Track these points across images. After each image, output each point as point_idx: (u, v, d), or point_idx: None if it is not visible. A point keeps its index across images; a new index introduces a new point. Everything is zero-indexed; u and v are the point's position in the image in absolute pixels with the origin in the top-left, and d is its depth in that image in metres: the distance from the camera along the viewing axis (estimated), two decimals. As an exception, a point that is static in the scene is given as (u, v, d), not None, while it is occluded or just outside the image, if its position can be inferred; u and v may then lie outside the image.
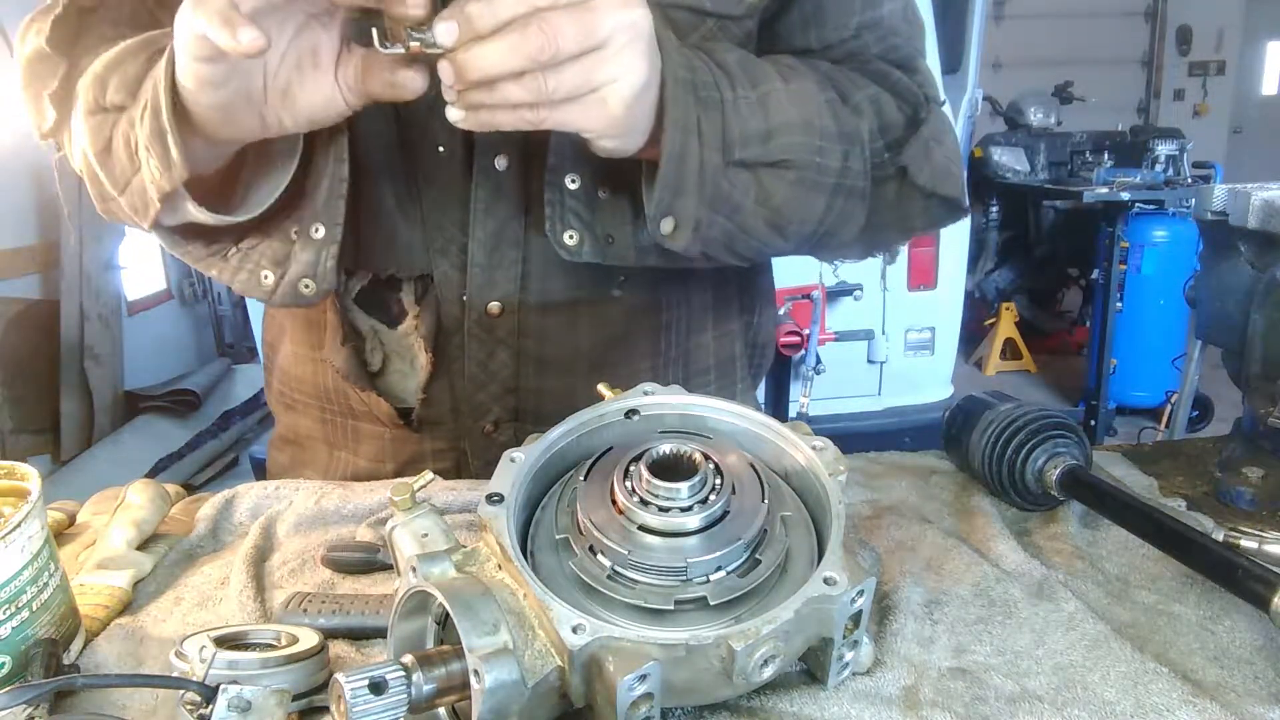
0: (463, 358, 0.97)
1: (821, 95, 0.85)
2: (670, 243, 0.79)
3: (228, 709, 0.52)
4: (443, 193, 0.91)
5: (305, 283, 0.85)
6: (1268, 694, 0.60)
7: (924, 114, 0.89)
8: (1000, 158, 5.73)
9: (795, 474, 0.65)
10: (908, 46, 0.95)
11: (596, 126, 0.69)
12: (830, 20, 0.92)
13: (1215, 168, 5.45)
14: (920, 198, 0.90)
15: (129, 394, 4.54)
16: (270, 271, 0.85)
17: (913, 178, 0.88)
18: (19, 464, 0.71)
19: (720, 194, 0.78)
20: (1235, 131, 9.17)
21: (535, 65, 0.63)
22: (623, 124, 0.69)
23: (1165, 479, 0.96)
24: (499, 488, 0.59)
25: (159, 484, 0.92)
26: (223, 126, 0.71)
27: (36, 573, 0.63)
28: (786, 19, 0.93)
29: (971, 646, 0.66)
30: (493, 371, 0.97)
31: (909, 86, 0.91)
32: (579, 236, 0.86)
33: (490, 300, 0.93)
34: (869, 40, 0.93)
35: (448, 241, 0.92)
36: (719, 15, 0.86)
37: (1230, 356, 0.96)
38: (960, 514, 0.88)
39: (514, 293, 0.93)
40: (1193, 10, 8.81)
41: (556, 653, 0.52)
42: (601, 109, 0.67)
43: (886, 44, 0.93)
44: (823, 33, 0.92)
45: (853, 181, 0.86)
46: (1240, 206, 0.91)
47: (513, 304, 0.94)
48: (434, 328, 0.96)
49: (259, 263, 0.85)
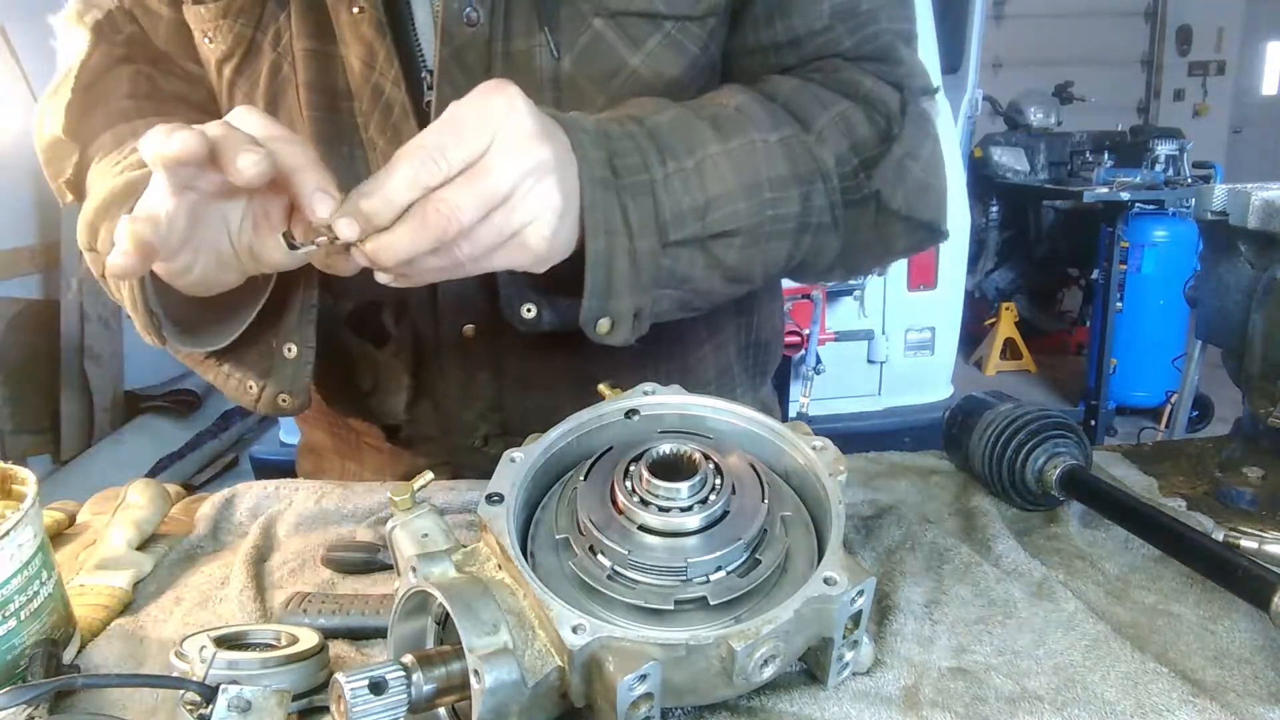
0: (444, 379, 0.97)
1: (775, 136, 0.82)
2: (609, 340, 0.76)
3: (228, 709, 0.52)
4: None
5: (283, 397, 0.87)
6: (1268, 694, 0.60)
7: (897, 129, 0.86)
8: (1000, 158, 5.73)
9: (795, 474, 0.65)
10: (888, 32, 0.89)
11: (523, 263, 0.69)
12: (797, 9, 0.88)
13: (1215, 168, 5.45)
14: (898, 220, 0.87)
15: (129, 394, 4.53)
16: (254, 383, 0.88)
17: (886, 202, 0.86)
18: (17, 468, 0.70)
19: (662, 273, 0.76)
20: (1235, 131, 9.16)
21: (443, 242, 0.63)
22: (548, 253, 0.69)
23: (1165, 479, 0.96)
24: (499, 488, 0.59)
25: (159, 484, 0.92)
26: (204, 288, 0.75)
27: (26, 581, 0.62)
28: (751, 11, 0.89)
29: (971, 646, 0.66)
30: (474, 392, 0.97)
31: (881, 96, 0.87)
32: (536, 309, 0.84)
33: (464, 324, 0.93)
34: (842, 33, 0.88)
35: None
36: (676, 17, 0.85)
37: (1230, 356, 0.96)
38: (960, 514, 0.88)
39: (488, 315, 0.92)
40: (1193, 10, 8.81)
41: (556, 653, 0.52)
42: (523, 251, 0.67)
43: (863, 33, 0.88)
44: (790, 24, 0.88)
45: (819, 218, 0.84)
46: (1240, 206, 0.91)
47: (487, 327, 0.93)
48: (413, 350, 0.97)
49: (245, 374, 0.88)
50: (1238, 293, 0.94)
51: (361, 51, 0.83)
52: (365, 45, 0.83)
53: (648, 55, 0.85)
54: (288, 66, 0.87)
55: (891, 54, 0.89)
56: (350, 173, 0.88)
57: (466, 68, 0.82)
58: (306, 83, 0.86)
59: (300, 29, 0.85)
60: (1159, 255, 4.54)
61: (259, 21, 0.86)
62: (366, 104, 0.85)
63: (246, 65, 0.88)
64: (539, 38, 0.83)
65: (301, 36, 0.85)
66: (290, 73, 0.87)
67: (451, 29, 0.81)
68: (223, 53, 0.88)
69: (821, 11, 0.87)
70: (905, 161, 0.86)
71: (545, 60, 0.84)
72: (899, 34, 0.90)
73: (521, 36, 0.83)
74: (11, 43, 3.81)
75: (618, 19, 0.83)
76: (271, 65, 0.87)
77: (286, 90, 0.88)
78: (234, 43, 0.87)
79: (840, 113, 0.85)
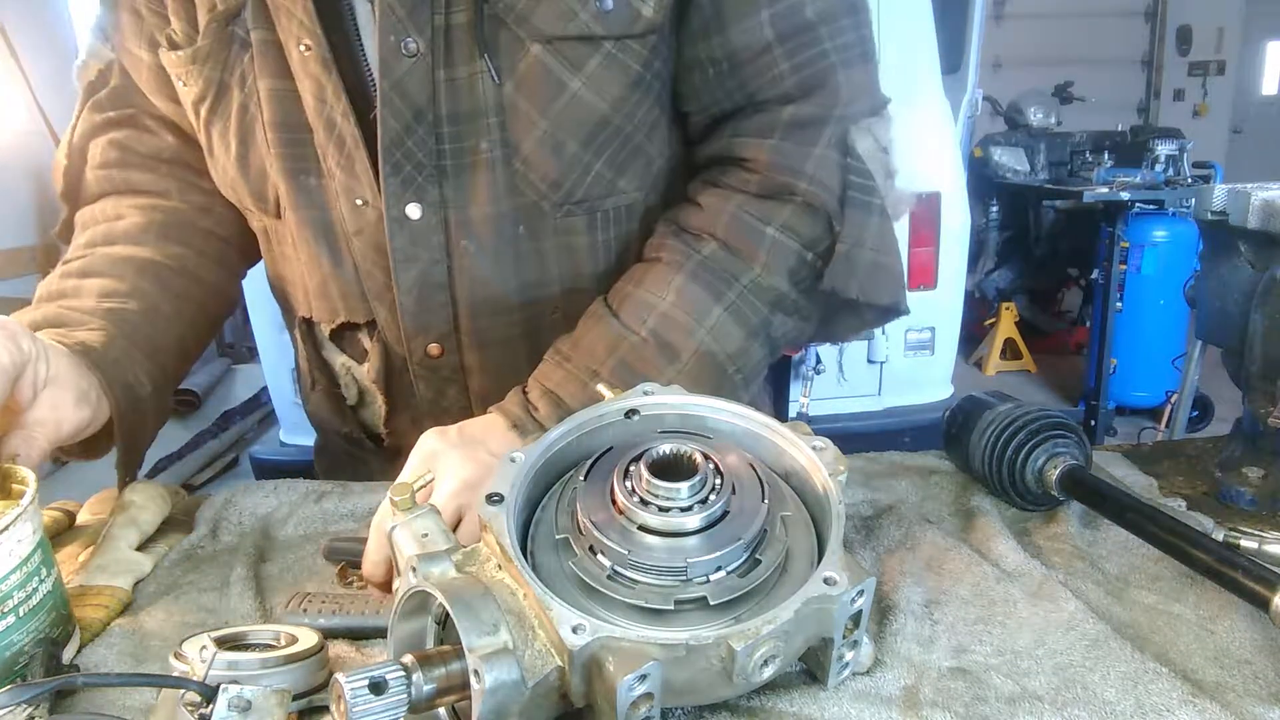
0: (416, 394, 1.00)
1: (719, 310, 0.85)
2: None
3: (228, 709, 0.52)
4: (366, 243, 0.93)
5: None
6: (1268, 694, 0.60)
7: (838, 224, 0.87)
8: (1000, 158, 5.72)
9: (795, 474, 0.65)
10: (829, 53, 0.87)
11: None
12: (734, 23, 0.86)
13: (1215, 168, 5.45)
14: (859, 305, 0.91)
15: (129, 394, 4.52)
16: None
17: (842, 294, 0.89)
18: (17, 467, 0.70)
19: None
20: (1235, 131, 9.16)
21: None
22: None
23: (1165, 479, 0.96)
24: (499, 488, 0.59)
25: (159, 484, 0.93)
26: None
27: (25, 578, 0.63)
28: (689, 26, 0.88)
29: (971, 646, 0.66)
30: (446, 407, 1.00)
31: (819, 193, 0.86)
32: None
33: (428, 342, 0.96)
34: (780, 56, 0.86)
35: (382, 289, 0.95)
36: (615, 37, 0.85)
37: (1230, 356, 0.96)
38: (960, 514, 0.88)
39: (450, 333, 0.95)
40: (1193, 10, 8.80)
41: (556, 653, 0.52)
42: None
43: (801, 57, 0.86)
44: (726, 39, 0.87)
45: (783, 332, 0.90)
46: (1240, 206, 0.91)
47: (451, 344, 0.96)
48: (384, 368, 1.00)
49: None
50: (1238, 293, 0.94)
51: (313, 86, 0.87)
52: (315, 81, 0.87)
53: (588, 78, 0.86)
54: (254, 105, 0.91)
55: (829, 82, 0.88)
56: (316, 202, 0.94)
57: (408, 97, 0.85)
58: (271, 120, 0.91)
59: (263, 69, 0.89)
60: (1159, 255, 4.53)
61: (225, 64, 0.91)
62: (322, 136, 0.89)
63: (219, 105, 0.93)
64: (479, 64, 0.84)
65: (264, 76, 0.89)
66: (257, 111, 0.91)
67: (389, 60, 0.84)
68: (196, 95, 0.93)
69: (760, 25, 0.86)
70: (853, 252, 0.88)
71: (487, 86, 0.85)
72: (842, 55, 0.88)
73: (463, 64, 0.85)
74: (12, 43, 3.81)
75: (555, 44, 0.84)
76: (240, 105, 0.92)
77: (254, 127, 0.92)
78: (205, 86, 0.92)
79: (781, 224, 0.87)
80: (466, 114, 0.86)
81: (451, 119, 0.86)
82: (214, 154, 0.97)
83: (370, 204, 0.90)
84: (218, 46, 0.89)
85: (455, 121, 0.86)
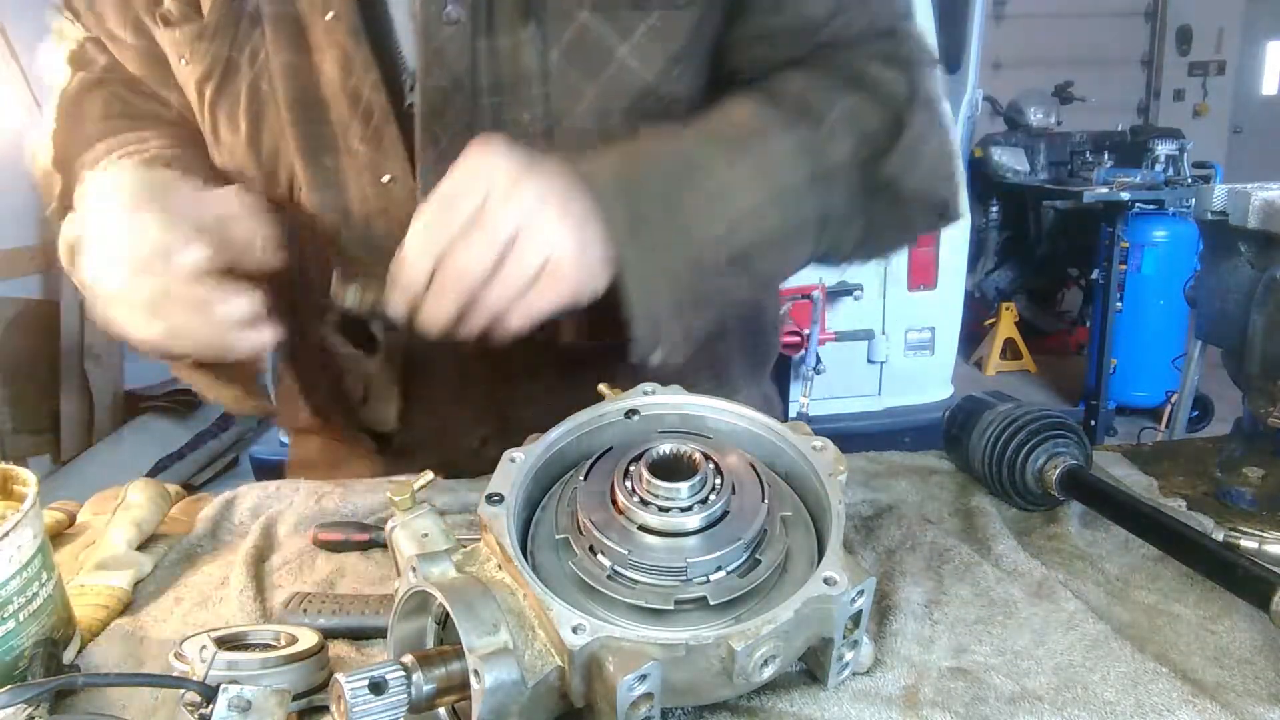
0: (438, 384, 0.97)
1: (790, 139, 0.83)
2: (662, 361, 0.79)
3: (228, 709, 0.52)
4: (390, 223, 0.89)
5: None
6: (1268, 694, 0.60)
7: (906, 116, 0.86)
8: (1000, 158, 5.72)
9: (795, 474, 0.65)
10: (888, 9, 0.90)
11: (566, 293, 0.71)
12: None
13: (1215, 168, 5.45)
14: (913, 203, 0.89)
15: (129, 394, 4.53)
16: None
17: (900, 189, 0.86)
18: (18, 469, 0.70)
19: (702, 299, 0.79)
20: (1235, 131, 9.15)
21: (469, 297, 0.69)
22: (583, 281, 0.72)
23: (1165, 479, 0.96)
24: (499, 488, 0.59)
25: (159, 484, 0.92)
26: None
27: (25, 583, 0.62)
28: (753, 4, 0.87)
29: (971, 646, 0.66)
30: (470, 395, 0.97)
31: (888, 85, 0.87)
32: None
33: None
34: (855, 14, 0.88)
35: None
36: (661, 6, 0.84)
37: (1230, 356, 0.96)
38: (960, 514, 0.88)
39: None
40: (1193, 10, 8.80)
41: (556, 653, 0.52)
42: (559, 282, 0.71)
43: (868, 16, 0.88)
44: (800, 8, 0.87)
45: (838, 212, 0.86)
46: (1240, 206, 0.91)
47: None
48: (404, 356, 0.97)
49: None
50: (1238, 293, 0.94)
51: (338, 58, 0.84)
52: (341, 51, 0.83)
53: (635, 45, 0.84)
54: (266, 83, 0.87)
55: (895, 28, 0.90)
56: (331, 182, 0.89)
57: (447, 66, 0.82)
58: (286, 97, 0.87)
59: (276, 43, 0.85)
60: (1159, 255, 4.53)
61: (234, 40, 0.87)
62: (344, 110, 0.85)
63: (226, 85, 0.89)
64: (524, 33, 0.82)
65: (278, 50, 0.85)
66: (270, 89, 0.87)
67: (431, 29, 0.81)
68: (201, 74, 0.89)
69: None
70: (917, 147, 0.87)
71: (531, 55, 0.83)
72: (897, 13, 0.91)
73: (505, 32, 0.82)
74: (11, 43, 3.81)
75: (606, 9, 0.82)
76: (251, 83, 0.88)
77: (268, 107, 0.88)
78: (211, 63, 0.88)
79: (849, 108, 0.85)
80: (509, 84, 0.83)
81: (493, 89, 0.83)
82: (219, 137, 0.92)
83: (399, 180, 0.87)
84: (225, 22, 0.85)
85: (497, 92, 0.84)
